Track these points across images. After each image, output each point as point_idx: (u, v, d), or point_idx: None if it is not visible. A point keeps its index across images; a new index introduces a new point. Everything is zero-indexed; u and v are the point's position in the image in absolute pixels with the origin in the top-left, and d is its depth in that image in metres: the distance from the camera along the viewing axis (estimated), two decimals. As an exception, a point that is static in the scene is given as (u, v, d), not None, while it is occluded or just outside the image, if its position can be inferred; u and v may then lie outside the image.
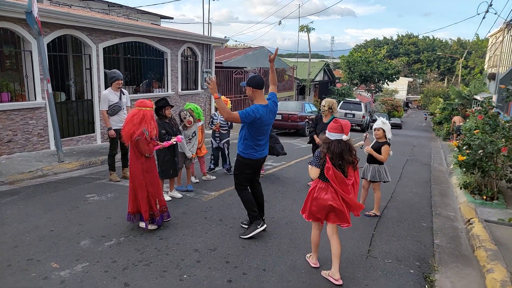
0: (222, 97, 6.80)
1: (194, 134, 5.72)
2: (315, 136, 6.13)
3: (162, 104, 4.95)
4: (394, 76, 27.71)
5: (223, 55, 16.96)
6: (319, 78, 27.67)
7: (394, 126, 29.69)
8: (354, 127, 20.43)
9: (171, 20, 24.72)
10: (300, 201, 5.61)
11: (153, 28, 11.14)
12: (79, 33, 8.60)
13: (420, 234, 4.60)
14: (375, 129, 4.93)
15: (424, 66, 74.49)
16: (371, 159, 5.07)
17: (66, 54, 9.20)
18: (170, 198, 5.23)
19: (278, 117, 14.04)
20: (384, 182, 5.13)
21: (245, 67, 17.90)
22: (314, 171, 3.30)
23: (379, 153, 4.93)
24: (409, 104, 69.82)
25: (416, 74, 73.64)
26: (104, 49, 9.35)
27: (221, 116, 6.66)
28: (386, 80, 28.68)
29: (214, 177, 6.58)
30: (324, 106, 6.00)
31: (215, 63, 14.04)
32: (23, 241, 3.73)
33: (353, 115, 20.42)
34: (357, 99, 23.95)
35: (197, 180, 6.35)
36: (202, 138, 6.24)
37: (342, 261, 3.67)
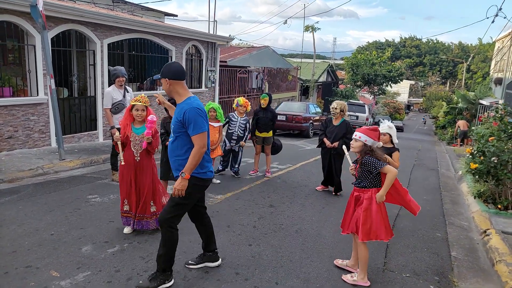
0: (241, 98, 6.64)
1: None
2: (325, 139, 5.93)
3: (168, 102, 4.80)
4: (397, 78, 27.52)
5: (227, 53, 16.77)
6: (323, 79, 27.46)
7: (396, 129, 29.52)
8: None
9: (175, 18, 24.54)
10: (309, 206, 5.44)
11: (158, 24, 10.96)
12: (84, 28, 8.42)
13: (436, 245, 4.42)
14: (381, 134, 4.68)
15: (426, 69, 74.30)
16: None
17: (70, 50, 9.02)
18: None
19: (282, 117, 13.86)
20: None
21: (249, 66, 17.72)
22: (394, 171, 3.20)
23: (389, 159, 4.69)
24: (411, 107, 69.63)
25: (418, 77, 73.46)
26: (108, 45, 9.17)
27: (241, 118, 6.52)
28: (390, 82, 28.49)
29: (219, 181, 6.26)
30: (336, 108, 5.79)
31: (220, 61, 13.85)
32: (22, 245, 3.54)
33: (357, 117, 20.26)
34: (361, 101, 23.77)
35: (218, 181, 6.25)
36: (219, 140, 6.01)
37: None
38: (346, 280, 3.32)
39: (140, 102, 3.77)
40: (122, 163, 3.85)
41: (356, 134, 3.30)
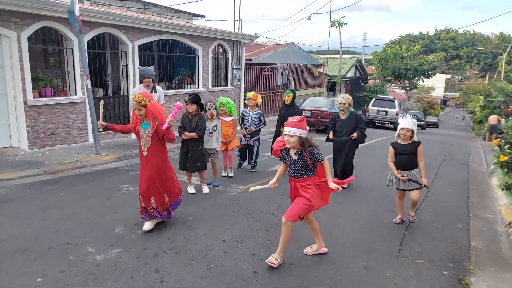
0: (251, 93, 6.68)
1: (215, 128, 5.63)
2: (330, 133, 6.05)
3: (186, 99, 5.13)
4: (430, 72, 26.64)
5: (252, 51, 17.03)
6: (351, 74, 27.12)
7: (430, 125, 28.60)
8: (387, 125, 19.89)
9: (203, 18, 25.11)
10: (330, 199, 5.60)
11: (185, 25, 11.39)
12: (116, 31, 8.96)
13: (456, 235, 4.45)
14: (403, 129, 4.38)
15: (463, 62, 71.02)
16: (404, 165, 4.44)
17: (105, 52, 9.60)
18: (193, 191, 5.37)
19: (307, 113, 13.93)
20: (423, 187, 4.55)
21: (275, 64, 17.88)
22: None
23: (414, 156, 4.42)
24: (447, 102, 66.86)
25: (454, 70, 70.35)
26: (139, 46, 9.68)
27: (253, 113, 6.59)
28: (422, 77, 27.61)
29: (232, 175, 6.38)
30: (344, 103, 5.78)
31: (245, 59, 14.13)
32: (63, 226, 3.98)
33: (386, 112, 19.87)
34: (391, 96, 23.27)
35: (232, 174, 6.37)
36: (233, 133, 6.19)
37: (371, 260, 3.65)
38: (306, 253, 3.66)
39: (134, 101, 3.77)
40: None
41: (290, 130, 3.29)
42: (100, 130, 4.00)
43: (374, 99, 21.33)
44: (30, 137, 7.46)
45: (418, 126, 22.35)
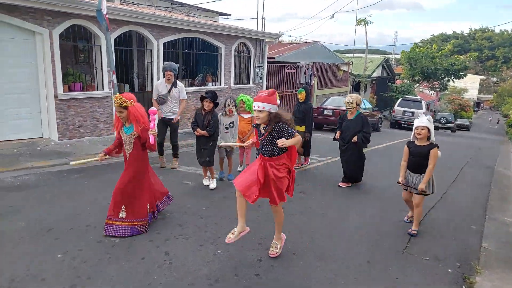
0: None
1: (231, 125, 5.66)
2: (337, 133, 5.97)
3: (203, 96, 5.22)
4: (461, 73, 25.71)
5: (276, 50, 17.11)
6: (377, 74, 26.62)
7: (461, 128, 27.61)
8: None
9: (228, 17, 25.43)
10: (340, 195, 5.66)
11: (209, 24, 11.65)
12: (142, 29, 9.32)
13: (467, 236, 4.40)
14: (418, 127, 4.11)
15: (499, 63, 67.93)
16: (416, 167, 4.21)
17: (131, 49, 10.00)
18: (207, 184, 5.50)
19: (329, 112, 13.89)
20: (429, 194, 4.29)
21: (299, 62, 17.89)
22: None
23: (425, 159, 4.11)
24: (481, 105, 64.24)
25: (490, 71, 67.41)
26: (164, 44, 10.01)
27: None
28: (452, 77, 26.70)
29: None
30: (352, 102, 5.66)
31: (268, 58, 14.24)
32: (85, 211, 4.27)
33: (412, 113, 19.42)
34: (418, 97, 22.70)
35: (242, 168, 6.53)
36: (251, 130, 6.16)
37: (376, 255, 3.69)
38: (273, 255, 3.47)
39: (116, 103, 3.56)
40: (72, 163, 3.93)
41: (259, 105, 3.14)
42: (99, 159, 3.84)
43: (400, 99, 20.91)
44: (60, 129, 7.92)
45: (447, 128, 21.90)
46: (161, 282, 2.91)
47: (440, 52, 26.18)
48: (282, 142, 3.07)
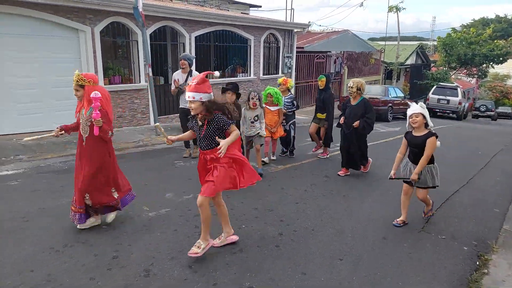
0: (281, 78, 6.75)
1: (256, 118, 5.50)
2: (342, 119, 5.76)
3: (225, 88, 5.16)
4: (501, 58, 24.33)
5: (305, 40, 17.12)
6: (411, 61, 25.82)
7: (503, 116, 26.24)
8: (449, 114, 18.85)
9: (259, 9, 25.57)
10: (363, 179, 5.83)
11: (239, 16, 11.95)
12: (175, 24, 9.79)
13: (488, 218, 4.46)
14: (412, 116, 3.83)
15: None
16: (417, 158, 3.89)
17: (165, 43, 10.51)
18: None
19: (359, 101, 13.87)
20: (433, 187, 4.03)
21: (329, 51, 17.81)
22: None
23: (422, 148, 3.81)
24: (527, 92, 60.16)
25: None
26: (196, 37, 10.44)
27: (285, 98, 6.41)
28: (491, 63, 25.35)
29: (274, 158, 6.57)
30: (352, 87, 5.52)
31: (297, 48, 14.36)
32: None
33: (448, 101, 18.82)
34: (455, 84, 21.86)
35: (274, 157, 6.55)
36: (278, 122, 6.17)
37: (392, 233, 3.88)
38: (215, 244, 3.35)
39: (73, 80, 3.36)
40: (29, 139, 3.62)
41: (189, 95, 2.98)
42: (55, 135, 3.59)
43: (435, 87, 20.27)
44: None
45: (487, 117, 20.92)
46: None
47: (478, 37, 24.91)
48: (219, 152, 2.97)
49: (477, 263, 3.42)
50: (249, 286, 2.83)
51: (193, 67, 10.22)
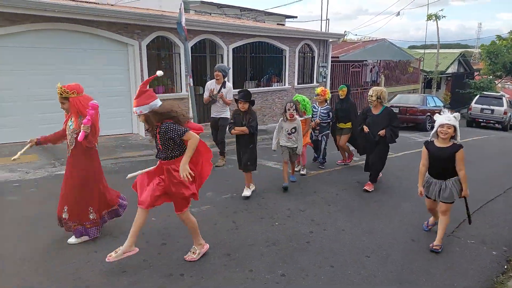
0: (319, 88, 6.69)
1: (293, 130, 5.28)
2: (364, 127, 5.55)
3: (237, 97, 4.88)
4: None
5: (341, 49, 17.24)
6: (453, 70, 25.00)
7: None
8: (493, 125, 18.07)
9: (295, 19, 26.01)
10: (397, 185, 5.91)
11: (274, 28, 12.37)
12: (214, 37, 10.37)
13: (524, 227, 4.43)
14: (443, 125, 3.51)
15: None
16: (439, 172, 3.65)
17: (205, 55, 11.13)
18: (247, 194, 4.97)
19: (395, 110, 13.72)
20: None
21: (365, 60, 17.78)
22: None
23: (449, 162, 3.54)
24: None
25: None
26: (233, 49, 10.97)
27: (321, 108, 6.45)
28: (541, 71, 23.95)
29: (304, 173, 6.29)
30: (372, 96, 5.38)
31: (332, 57, 14.53)
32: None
33: (492, 111, 18.03)
34: (500, 93, 20.91)
35: (304, 172, 6.28)
36: (305, 130, 6.00)
37: (422, 235, 3.99)
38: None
39: (57, 93, 3.33)
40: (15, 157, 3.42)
41: (135, 110, 2.96)
42: (30, 147, 3.54)
43: (478, 96, 19.50)
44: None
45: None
46: (228, 241, 3.64)
47: (527, 44, 23.69)
48: (181, 175, 2.92)
49: (505, 266, 3.47)
50: (282, 274, 3.11)
51: (230, 78, 10.81)
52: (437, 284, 3.11)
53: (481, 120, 18.32)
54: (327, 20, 15.59)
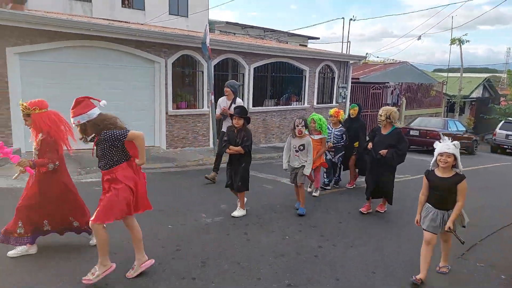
0: (333, 109, 6.56)
1: (301, 148, 4.98)
2: (369, 144, 5.34)
3: (233, 114, 4.75)
4: None
5: (362, 70, 17.41)
6: (477, 94, 24.62)
7: None
8: (519, 152, 17.59)
9: (317, 40, 26.44)
10: (409, 205, 5.91)
11: (295, 49, 12.71)
12: (237, 56, 10.78)
13: (537, 253, 4.39)
14: (442, 154, 3.31)
15: None
16: (440, 202, 3.41)
17: (227, 73, 11.55)
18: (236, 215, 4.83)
19: (415, 132, 13.66)
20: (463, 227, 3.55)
21: (387, 82, 17.84)
22: None
23: (451, 193, 3.34)
24: None
25: None
26: (254, 68, 11.35)
27: (335, 130, 6.33)
28: None
29: (317, 194, 6.13)
30: (381, 115, 5.19)
31: (352, 78, 14.71)
32: (186, 200, 5.46)
33: (517, 136, 17.57)
34: (526, 119, 20.35)
35: (316, 194, 6.14)
36: (320, 152, 5.82)
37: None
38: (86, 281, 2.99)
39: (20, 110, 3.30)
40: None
41: (73, 122, 2.99)
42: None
43: (502, 121, 19.07)
44: (167, 139, 9.63)
45: None
46: (239, 251, 3.80)
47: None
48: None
49: (514, 290, 3.46)
50: (288, 284, 3.24)
51: (250, 96, 11.13)
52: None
53: (506, 147, 17.87)
54: (348, 43, 15.84)
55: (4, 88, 7.22)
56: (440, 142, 3.40)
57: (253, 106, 11.51)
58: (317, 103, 13.35)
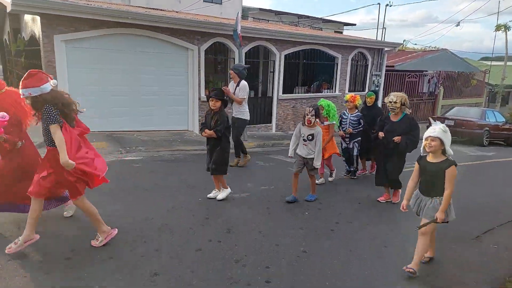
0: (349, 95, 6.33)
1: (310, 137, 4.78)
2: (380, 133, 5.09)
3: (209, 95, 4.57)
4: None
5: (398, 58, 16.95)
6: (524, 84, 23.20)
7: None
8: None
9: (353, 27, 25.86)
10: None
11: (326, 36, 12.66)
12: (268, 43, 10.96)
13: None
14: (428, 138, 3.20)
15: None
16: (428, 188, 3.29)
17: (258, 60, 11.77)
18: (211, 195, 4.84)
19: (450, 123, 13.23)
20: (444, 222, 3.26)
21: (425, 71, 17.29)
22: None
23: (439, 179, 3.18)
24: None
25: None
26: (285, 55, 11.47)
27: (351, 115, 6.08)
28: None
29: (331, 179, 6.15)
30: (396, 102, 4.87)
31: (386, 66, 14.42)
32: (198, 184, 5.80)
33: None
34: None
35: (331, 178, 6.15)
36: (327, 139, 5.70)
37: (445, 237, 4.08)
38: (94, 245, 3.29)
39: None
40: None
41: (22, 92, 2.88)
42: None
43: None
44: (200, 124, 10.04)
45: None
46: (260, 221, 4.10)
47: None
48: (66, 164, 2.90)
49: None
50: (303, 250, 3.50)
51: (281, 83, 11.28)
52: (446, 276, 3.30)
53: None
54: (384, 29, 15.47)
55: (53, 73, 7.90)
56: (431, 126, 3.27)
57: (283, 93, 11.69)
58: (349, 91, 13.27)
